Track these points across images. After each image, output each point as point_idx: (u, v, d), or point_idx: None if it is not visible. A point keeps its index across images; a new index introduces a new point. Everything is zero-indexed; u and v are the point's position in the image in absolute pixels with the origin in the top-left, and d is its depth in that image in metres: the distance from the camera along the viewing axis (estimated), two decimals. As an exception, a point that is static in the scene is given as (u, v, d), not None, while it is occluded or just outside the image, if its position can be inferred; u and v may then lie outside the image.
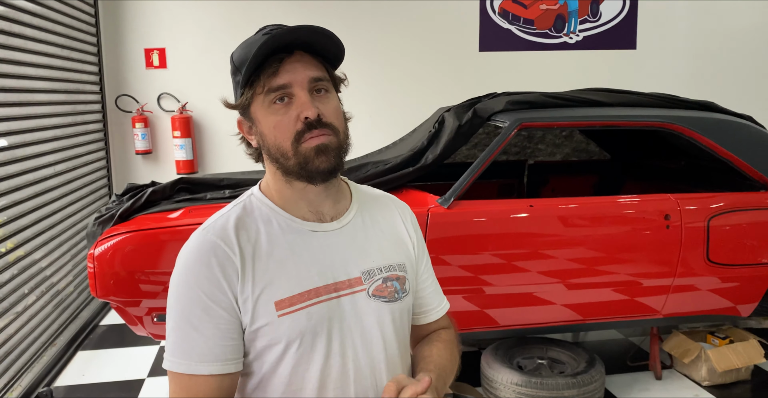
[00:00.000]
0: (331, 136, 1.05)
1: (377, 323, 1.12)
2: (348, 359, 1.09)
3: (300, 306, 1.05)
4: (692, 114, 3.06)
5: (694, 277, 2.90)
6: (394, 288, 1.15)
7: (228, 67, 1.12)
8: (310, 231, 1.11)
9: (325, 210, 1.13)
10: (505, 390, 2.83)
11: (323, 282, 1.08)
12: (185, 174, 4.93)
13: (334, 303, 1.08)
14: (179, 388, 1.03)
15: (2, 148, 3.18)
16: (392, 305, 1.14)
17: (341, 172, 1.12)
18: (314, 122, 1.03)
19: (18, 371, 3.14)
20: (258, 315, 1.04)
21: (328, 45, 1.06)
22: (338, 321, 1.08)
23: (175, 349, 1.04)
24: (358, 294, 1.11)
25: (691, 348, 3.15)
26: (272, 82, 1.03)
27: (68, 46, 4.21)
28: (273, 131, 1.05)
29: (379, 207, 1.23)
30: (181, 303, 1.04)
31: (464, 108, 3.03)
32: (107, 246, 2.47)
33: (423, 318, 1.30)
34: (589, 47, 5.49)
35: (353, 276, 1.11)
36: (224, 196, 2.76)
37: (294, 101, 1.04)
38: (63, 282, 3.88)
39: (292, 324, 1.04)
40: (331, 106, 1.07)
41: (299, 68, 1.03)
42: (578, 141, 4.13)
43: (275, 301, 1.04)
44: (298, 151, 1.04)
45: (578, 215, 2.81)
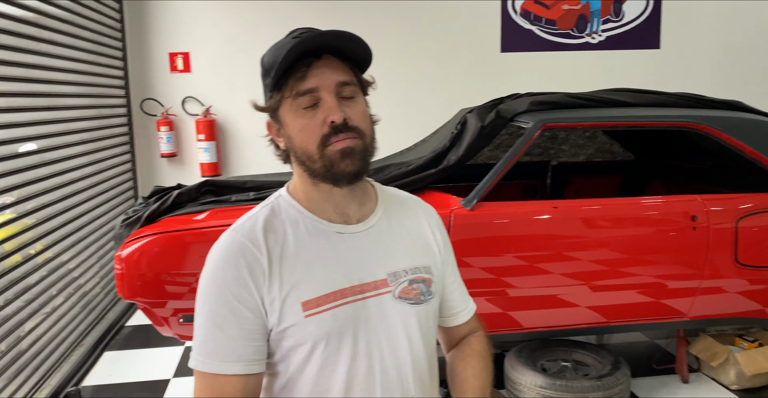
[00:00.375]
0: (356, 139, 1.06)
1: (403, 325, 1.13)
2: (374, 360, 1.10)
3: (326, 307, 1.07)
4: (719, 113, 3.01)
5: (722, 279, 2.86)
6: (420, 291, 1.15)
7: (252, 69, 1.14)
8: (337, 233, 1.12)
9: (351, 212, 1.14)
10: (529, 393, 2.81)
11: (349, 283, 1.09)
12: (209, 176, 4.98)
13: (360, 305, 1.09)
14: (204, 387, 1.05)
15: (32, 152, 3.24)
16: (418, 307, 1.15)
17: (367, 175, 1.13)
18: (340, 126, 1.04)
19: (47, 371, 3.20)
20: (285, 315, 1.06)
21: (356, 49, 1.07)
22: (364, 322, 1.09)
23: (201, 348, 1.06)
24: (383, 295, 1.12)
25: (719, 351, 3.10)
26: (300, 86, 1.04)
27: (95, 51, 4.28)
28: (300, 134, 1.07)
29: (404, 210, 1.23)
30: (209, 303, 1.06)
31: (487, 109, 3.02)
32: (134, 248, 2.50)
33: (451, 321, 1.31)
34: (612, 47, 5.44)
35: (379, 278, 1.12)
36: (249, 198, 2.79)
37: (321, 105, 1.05)
38: (90, 283, 3.94)
39: (318, 324, 1.06)
40: (358, 109, 1.08)
41: (327, 72, 1.05)
42: (602, 141, 4.10)
43: (302, 302, 1.06)
44: (324, 154, 1.05)
45: (603, 216, 2.78)
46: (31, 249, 3.13)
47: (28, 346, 3.00)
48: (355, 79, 1.09)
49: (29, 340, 3.03)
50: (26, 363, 2.96)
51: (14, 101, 3.13)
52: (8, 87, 3.08)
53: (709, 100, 3.27)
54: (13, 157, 3.00)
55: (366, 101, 1.12)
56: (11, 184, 2.95)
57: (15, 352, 2.87)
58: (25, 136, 3.18)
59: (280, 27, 1.16)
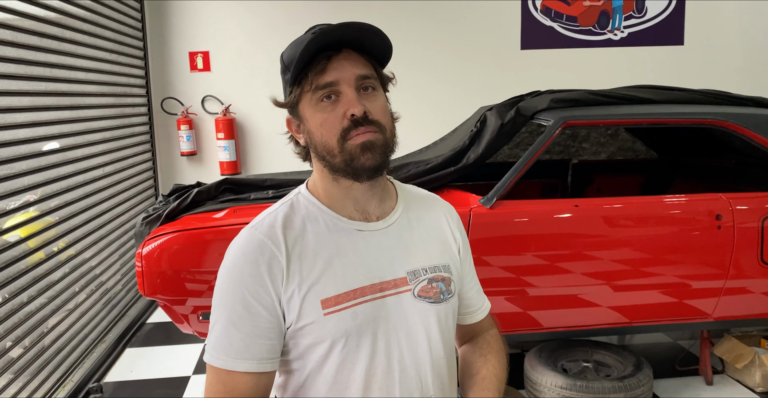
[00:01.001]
0: (377, 133, 1.04)
1: (422, 324, 1.12)
2: (393, 359, 1.09)
3: (346, 305, 1.05)
4: (744, 110, 2.95)
5: (747, 279, 2.80)
6: (439, 289, 1.14)
7: (272, 68, 1.14)
8: (356, 230, 1.11)
9: (371, 210, 1.13)
10: (549, 393, 2.78)
11: (369, 281, 1.08)
12: (229, 175, 5.01)
13: (379, 303, 1.08)
14: (216, 382, 1.05)
15: (54, 150, 3.28)
16: (438, 306, 1.14)
17: (387, 171, 1.12)
18: (360, 119, 1.02)
19: (70, 367, 3.24)
20: (304, 313, 1.05)
21: (376, 42, 1.05)
22: (384, 320, 1.08)
23: (215, 343, 1.06)
24: (403, 294, 1.10)
25: (744, 352, 3.04)
26: (320, 80, 1.03)
27: (116, 50, 4.32)
28: (320, 129, 1.05)
29: (424, 208, 1.22)
30: (225, 298, 1.06)
31: (507, 106, 3.00)
32: (154, 246, 2.52)
33: (468, 319, 1.31)
34: (635, 44, 5.37)
35: (399, 276, 1.11)
36: (268, 196, 2.79)
37: (341, 99, 1.04)
38: (112, 280, 3.98)
39: (338, 322, 1.05)
40: (378, 104, 1.06)
41: (347, 66, 1.03)
42: (624, 139, 4.04)
43: (321, 300, 1.05)
44: (344, 148, 1.04)
45: (625, 215, 2.74)
46: (54, 247, 3.17)
47: (51, 342, 3.04)
48: (375, 73, 1.08)
49: (52, 336, 3.07)
50: (49, 359, 3.00)
51: (37, 100, 3.17)
52: (32, 86, 3.11)
53: (734, 96, 3.21)
54: (36, 156, 3.04)
55: (386, 97, 1.11)
56: (35, 182, 2.99)
57: (38, 348, 2.91)
58: (48, 134, 3.22)
59: (299, 26, 1.15)
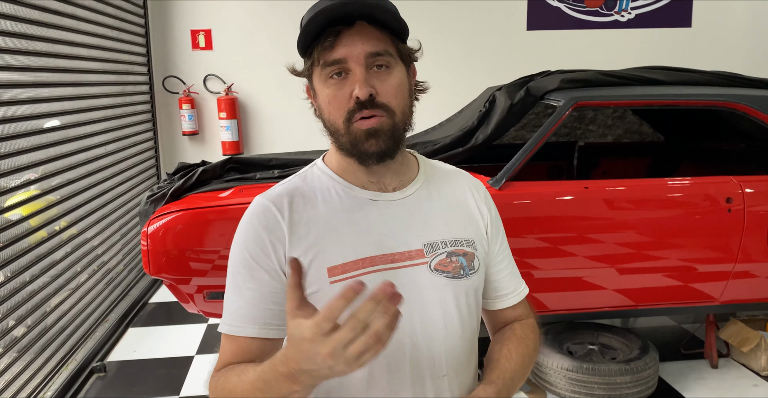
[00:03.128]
0: (383, 117, 0.99)
1: (438, 299, 1.06)
2: (404, 334, 1.03)
3: (353, 274, 1.02)
4: (758, 93, 2.91)
5: (756, 263, 2.78)
6: (459, 264, 1.08)
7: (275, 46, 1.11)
8: (370, 199, 1.07)
9: (386, 181, 1.09)
10: (555, 376, 2.77)
11: (379, 251, 1.04)
12: (231, 155, 4.97)
13: (390, 274, 1.03)
14: (224, 348, 1.03)
15: (55, 128, 3.24)
16: (456, 282, 1.08)
17: (400, 150, 1.07)
18: (366, 102, 0.98)
19: (73, 346, 3.23)
20: (309, 281, 1.01)
21: (387, 18, 1.00)
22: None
23: (225, 310, 1.04)
24: (419, 267, 1.05)
25: (750, 336, 3.04)
26: (327, 57, 0.98)
27: (118, 27, 4.26)
28: (328, 106, 1.01)
29: (448, 181, 1.17)
30: (232, 263, 1.05)
31: (517, 86, 2.95)
32: (159, 225, 2.49)
33: (497, 303, 1.22)
34: (642, 25, 5.31)
35: (414, 248, 1.06)
36: (273, 175, 2.76)
37: (350, 76, 0.99)
38: (114, 260, 3.96)
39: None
40: (390, 83, 1.00)
41: (357, 42, 0.98)
42: (631, 122, 4.00)
43: (328, 267, 1.02)
44: (350, 131, 1.00)
45: (636, 198, 2.71)
46: (56, 226, 3.14)
47: (54, 322, 3.02)
48: (391, 48, 1.01)
49: (55, 316, 3.05)
50: (52, 338, 2.99)
51: (39, 76, 3.11)
52: (33, 61, 3.06)
53: (745, 78, 3.17)
54: (37, 133, 2.99)
55: (405, 72, 1.05)
56: (36, 160, 2.95)
57: (41, 328, 2.89)
58: (50, 111, 3.17)
59: (303, 3, 1.10)
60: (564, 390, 2.76)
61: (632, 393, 2.72)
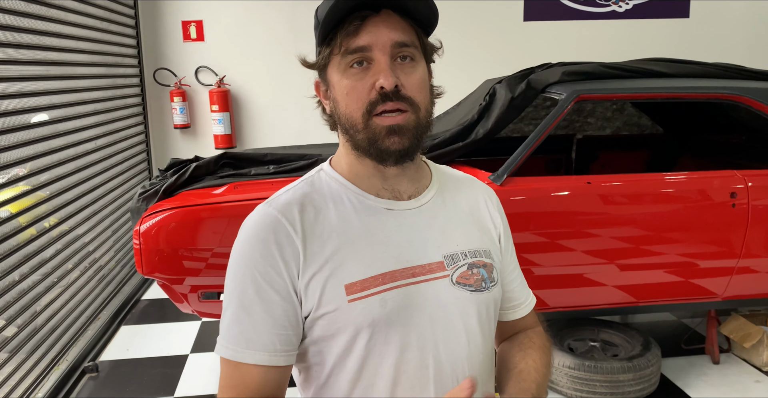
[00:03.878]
0: (407, 113, 0.92)
1: (461, 315, 0.99)
2: (428, 353, 0.96)
3: (373, 292, 0.93)
4: (760, 85, 2.87)
5: (759, 259, 2.75)
6: (481, 276, 1.01)
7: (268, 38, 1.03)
8: (386, 209, 0.99)
9: (402, 189, 1.01)
10: (557, 373, 2.73)
11: (399, 265, 0.96)
12: (224, 148, 4.89)
13: (412, 290, 0.95)
14: (225, 375, 0.94)
15: (44, 122, 3.15)
16: (479, 295, 1.01)
17: (421, 152, 1.01)
18: (390, 94, 0.90)
19: (65, 345, 3.16)
20: (325, 299, 0.93)
21: (420, 7, 0.93)
22: (417, 310, 0.95)
23: (225, 333, 0.95)
24: (440, 281, 0.98)
25: (752, 332, 3.01)
26: (350, 43, 0.91)
27: (107, 18, 4.16)
28: (345, 98, 0.93)
29: (461, 189, 1.10)
30: (235, 281, 0.95)
31: (517, 79, 2.89)
32: (152, 223, 2.42)
33: (511, 314, 1.16)
34: (640, 16, 5.25)
35: (434, 260, 0.98)
36: (269, 171, 2.69)
37: (372, 66, 0.91)
38: (105, 257, 3.88)
39: (363, 310, 0.93)
40: (416, 77, 0.94)
41: (383, 29, 0.91)
42: (630, 114, 3.95)
43: (345, 285, 0.93)
44: (369, 125, 0.92)
45: (639, 192, 2.67)
46: (46, 223, 3.06)
47: (44, 321, 2.95)
48: (417, 40, 0.94)
49: (46, 315, 2.98)
50: (43, 338, 2.92)
51: (25, 69, 3.02)
52: (19, 54, 2.97)
53: (748, 70, 3.12)
54: (25, 128, 2.91)
55: (427, 69, 0.99)
56: (24, 156, 2.87)
57: (32, 327, 2.82)
58: (37, 105, 3.09)
59: None
60: (566, 388, 2.73)
61: (635, 390, 2.69)
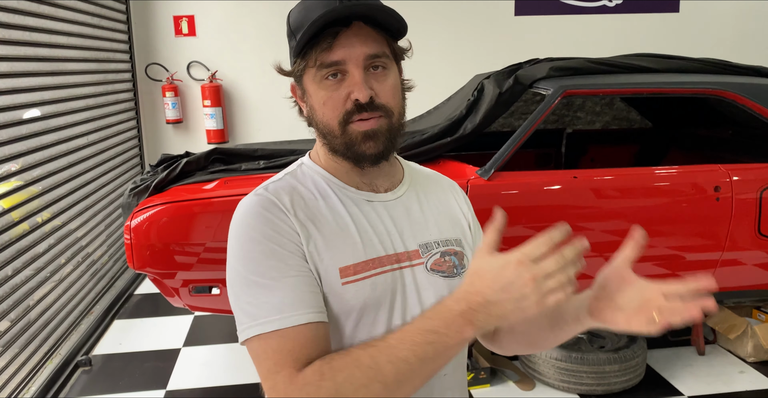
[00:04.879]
0: (381, 118, 0.99)
1: (436, 298, 1.06)
2: None
3: (366, 275, 1.00)
4: (746, 80, 2.90)
5: (743, 251, 2.79)
6: (452, 263, 1.09)
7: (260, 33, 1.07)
8: (366, 200, 1.06)
9: (378, 183, 1.09)
10: (543, 365, 2.78)
11: (385, 251, 1.03)
12: (216, 143, 4.90)
13: (397, 275, 1.03)
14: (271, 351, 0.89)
15: (35, 118, 3.16)
16: (451, 281, 1.08)
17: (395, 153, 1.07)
18: (365, 105, 0.97)
19: (58, 339, 3.19)
20: (321, 281, 0.97)
21: (388, 20, 0.98)
22: (400, 293, 1.03)
23: (255, 312, 0.92)
24: (417, 267, 1.05)
25: (737, 323, 3.06)
26: (325, 58, 0.96)
27: (98, 13, 4.16)
28: (322, 107, 1.00)
29: (430, 184, 1.18)
30: (251, 263, 0.94)
31: (505, 74, 2.92)
32: (143, 218, 2.44)
33: None
34: (630, 11, 5.28)
35: (411, 248, 1.06)
36: (259, 166, 2.71)
37: (347, 78, 0.97)
38: (98, 251, 3.90)
39: (356, 293, 0.98)
40: (388, 84, 1.00)
41: (356, 43, 0.96)
42: (619, 109, 3.99)
43: (340, 268, 0.98)
44: (346, 132, 0.99)
45: (624, 187, 2.71)
46: (38, 218, 3.08)
47: (37, 316, 2.98)
48: (387, 49, 1.01)
49: (39, 309, 3.00)
50: (36, 332, 2.94)
51: (16, 66, 3.03)
52: (9, 51, 2.98)
53: (734, 66, 3.16)
54: (17, 124, 2.92)
55: (398, 71, 1.05)
56: (16, 152, 2.88)
57: (25, 322, 2.84)
58: (29, 101, 3.10)
59: None
60: (553, 379, 2.77)
61: (621, 381, 2.73)
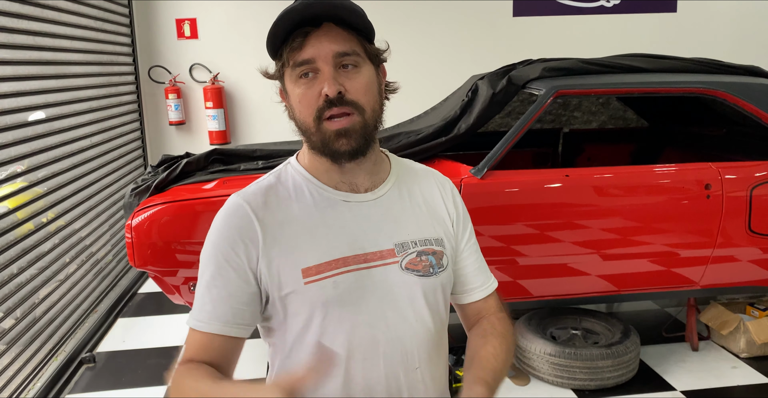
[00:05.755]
0: (353, 115, 1.02)
1: (408, 297, 1.10)
2: (378, 331, 1.08)
3: (327, 275, 1.05)
4: (737, 79, 2.94)
5: (734, 248, 2.83)
6: (429, 263, 1.12)
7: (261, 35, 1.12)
8: (343, 201, 1.10)
9: (359, 182, 1.12)
10: (538, 361, 2.82)
11: (352, 252, 1.07)
12: (218, 144, 4.97)
13: (364, 274, 1.07)
14: (189, 341, 1.07)
15: (40, 120, 3.23)
16: (426, 280, 1.12)
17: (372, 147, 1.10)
18: (335, 100, 1.00)
19: (62, 337, 3.25)
20: (285, 282, 1.05)
21: (353, 19, 1.02)
22: (368, 291, 1.07)
23: (194, 304, 1.08)
24: (390, 266, 1.09)
25: (730, 319, 3.10)
26: (296, 57, 1.01)
27: (101, 17, 4.23)
28: (298, 105, 1.04)
29: (417, 181, 1.20)
30: (203, 259, 1.08)
31: (498, 75, 2.97)
32: (144, 217, 2.51)
33: (466, 297, 1.25)
34: (628, 11, 5.31)
35: (385, 248, 1.09)
36: (258, 166, 2.77)
37: (319, 76, 1.01)
38: (102, 251, 3.97)
39: (317, 292, 1.04)
40: (359, 81, 1.03)
41: (325, 42, 1.00)
42: (615, 108, 4.03)
43: (302, 269, 1.05)
44: (320, 129, 1.03)
45: (615, 185, 2.75)
46: (43, 218, 3.15)
47: (42, 313, 3.04)
48: (359, 48, 1.04)
49: (44, 307, 3.07)
50: (41, 329, 3.01)
51: (21, 69, 3.10)
52: (14, 55, 3.05)
53: (726, 65, 3.19)
54: (22, 126, 2.99)
55: (374, 71, 1.08)
56: (21, 153, 2.95)
57: (30, 319, 2.91)
58: (34, 104, 3.17)
59: None
60: (547, 374, 2.82)
61: (614, 376, 2.78)
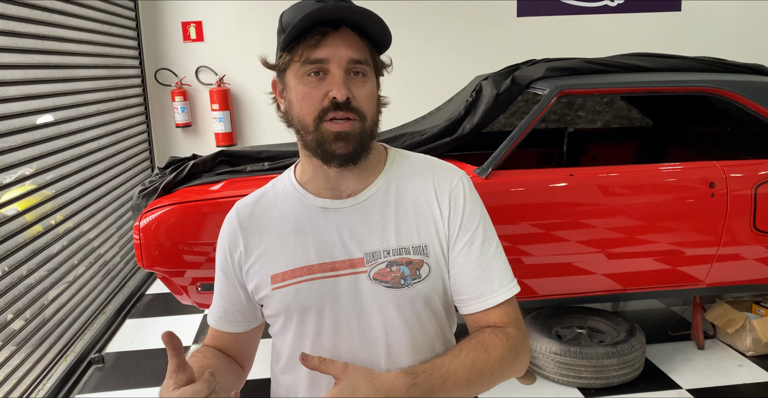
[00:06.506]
0: (355, 121, 1.02)
1: (377, 307, 1.07)
2: (341, 339, 1.07)
3: (290, 282, 1.08)
4: (741, 78, 2.95)
5: (739, 246, 2.83)
6: (400, 274, 1.06)
7: (266, 37, 1.14)
8: (321, 208, 1.11)
9: (342, 187, 1.11)
10: (543, 359, 2.83)
11: (319, 260, 1.08)
12: (224, 146, 5.00)
13: (329, 282, 1.07)
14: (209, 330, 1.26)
15: (48, 124, 3.27)
16: (396, 291, 1.06)
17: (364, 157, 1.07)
18: (341, 104, 1.00)
19: (71, 338, 3.28)
20: (259, 287, 1.13)
21: (375, 29, 1.02)
22: (332, 300, 1.07)
23: (211, 308, 1.25)
24: (360, 275, 1.07)
25: (736, 317, 3.10)
26: (310, 54, 1.01)
27: (108, 21, 4.27)
28: (300, 102, 1.04)
29: (410, 181, 1.13)
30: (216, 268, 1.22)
31: (502, 75, 2.98)
32: (152, 219, 2.53)
33: (461, 308, 1.13)
34: (632, 10, 5.31)
35: (355, 256, 1.07)
36: (263, 168, 2.79)
37: (328, 77, 1.01)
38: (110, 252, 4.00)
39: (281, 298, 1.09)
40: (365, 90, 1.04)
41: (341, 46, 1.01)
42: (620, 107, 4.03)
43: (271, 275, 1.10)
44: (319, 129, 1.03)
45: (620, 184, 2.76)
46: (52, 220, 3.18)
47: (51, 315, 3.07)
48: (370, 58, 1.05)
49: (53, 309, 3.10)
50: (50, 331, 3.04)
51: (29, 73, 3.14)
52: (23, 59, 3.08)
53: (730, 63, 3.20)
54: (30, 129, 3.02)
55: (377, 83, 1.09)
56: (30, 156, 2.98)
57: (39, 320, 2.94)
58: (42, 107, 3.20)
59: None
60: (552, 373, 2.83)
61: (619, 375, 2.78)
